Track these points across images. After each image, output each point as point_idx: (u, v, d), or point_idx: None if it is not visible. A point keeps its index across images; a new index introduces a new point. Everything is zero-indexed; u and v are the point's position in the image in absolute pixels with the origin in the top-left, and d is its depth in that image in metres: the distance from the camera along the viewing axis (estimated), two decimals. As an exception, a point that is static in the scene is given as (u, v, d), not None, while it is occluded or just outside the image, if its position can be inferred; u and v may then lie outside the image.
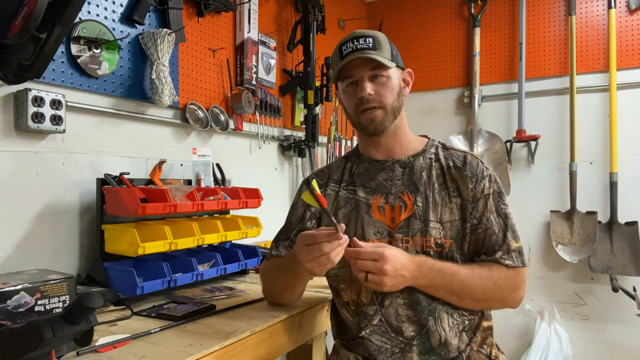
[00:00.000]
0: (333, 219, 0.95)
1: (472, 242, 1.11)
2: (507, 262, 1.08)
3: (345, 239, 0.94)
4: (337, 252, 0.94)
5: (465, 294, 1.05)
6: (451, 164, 1.15)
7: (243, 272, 1.63)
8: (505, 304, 1.10)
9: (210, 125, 1.85)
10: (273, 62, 2.29)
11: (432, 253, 1.07)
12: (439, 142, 1.22)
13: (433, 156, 1.17)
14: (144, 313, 1.17)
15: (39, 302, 1.00)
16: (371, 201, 1.14)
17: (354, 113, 1.15)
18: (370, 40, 1.11)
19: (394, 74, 1.14)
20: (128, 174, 1.40)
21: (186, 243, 1.38)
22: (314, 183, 0.94)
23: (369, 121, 1.13)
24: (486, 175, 1.13)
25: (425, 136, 1.24)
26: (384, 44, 1.13)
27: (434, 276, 1.03)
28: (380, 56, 1.10)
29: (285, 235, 1.23)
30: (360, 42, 1.10)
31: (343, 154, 2.34)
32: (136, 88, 1.58)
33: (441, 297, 1.07)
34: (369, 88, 1.10)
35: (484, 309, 1.12)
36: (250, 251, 1.63)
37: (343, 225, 0.95)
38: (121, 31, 1.53)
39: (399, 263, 0.99)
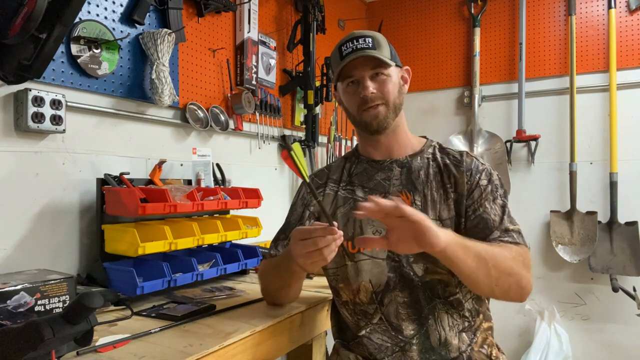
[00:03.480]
0: (327, 211, 0.93)
1: (469, 230, 1.09)
2: (506, 238, 1.05)
3: (340, 234, 0.93)
4: (330, 248, 0.93)
5: (491, 260, 0.96)
6: (448, 162, 1.15)
7: (243, 272, 1.63)
8: (521, 285, 1.01)
9: (210, 125, 1.85)
10: (273, 62, 2.29)
11: None
12: (437, 143, 1.23)
13: (430, 156, 1.18)
14: (144, 313, 1.17)
15: (39, 302, 1.00)
16: None
17: (356, 112, 1.15)
18: (370, 40, 1.11)
19: (394, 73, 1.15)
20: (128, 174, 1.40)
21: (186, 243, 1.38)
22: (297, 146, 0.89)
23: (372, 117, 1.12)
24: (482, 169, 1.13)
25: (425, 137, 1.25)
26: (383, 44, 1.14)
27: (459, 246, 0.93)
28: (380, 55, 1.10)
29: (284, 235, 1.23)
30: (360, 42, 1.10)
31: (343, 154, 2.35)
32: (136, 88, 1.58)
33: (468, 266, 0.95)
34: (371, 87, 1.11)
35: (503, 289, 1.00)
36: (250, 251, 1.63)
37: (336, 223, 0.93)
38: (121, 31, 1.53)
39: (429, 227, 0.88)
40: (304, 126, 2.41)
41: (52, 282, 1.03)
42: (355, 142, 2.72)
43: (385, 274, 1.09)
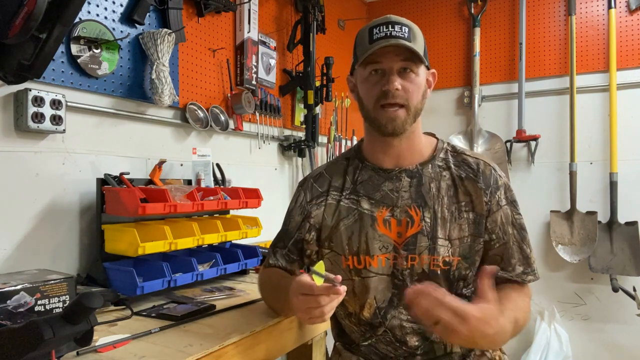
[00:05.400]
0: (331, 276, 0.86)
1: (490, 257, 1.06)
2: (529, 277, 1.06)
3: (343, 290, 0.85)
4: (331, 306, 0.86)
5: (517, 328, 0.96)
6: (463, 175, 1.07)
7: (243, 272, 1.63)
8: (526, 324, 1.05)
9: (210, 125, 1.85)
10: (273, 62, 2.29)
11: (439, 272, 1.03)
12: (448, 144, 1.14)
13: (443, 163, 1.09)
14: (144, 313, 1.17)
15: (39, 302, 1.00)
16: (376, 214, 1.06)
17: (372, 106, 1.03)
18: (406, 29, 1.00)
19: (422, 73, 1.04)
20: (128, 174, 1.40)
21: (186, 243, 1.38)
22: (320, 268, 0.85)
23: (389, 120, 1.02)
24: (501, 185, 1.06)
25: (433, 135, 1.16)
26: (419, 39, 1.03)
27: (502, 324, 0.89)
28: (415, 48, 0.99)
29: (282, 243, 1.18)
30: (396, 29, 0.99)
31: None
32: (136, 88, 1.58)
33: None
34: (397, 82, 0.99)
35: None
36: (250, 251, 1.63)
37: (339, 277, 0.85)
38: (121, 31, 1.53)
39: (479, 330, 0.83)
40: (304, 126, 2.41)
41: (52, 282, 1.03)
42: (355, 142, 2.72)
43: (390, 290, 1.05)
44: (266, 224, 1.71)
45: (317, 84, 2.40)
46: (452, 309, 0.82)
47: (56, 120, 1.29)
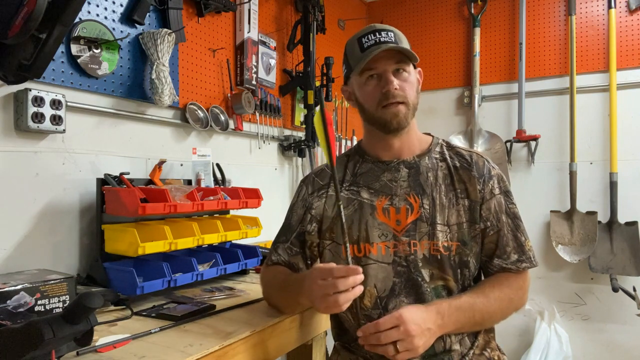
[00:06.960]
0: (344, 230, 0.93)
1: (487, 244, 1.10)
2: (524, 264, 1.08)
3: (361, 277, 0.91)
4: (347, 297, 0.91)
5: (487, 321, 1.06)
6: (458, 165, 1.12)
7: (243, 272, 1.63)
8: (517, 310, 1.10)
9: (210, 125, 1.85)
10: (273, 62, 2.29)
11: (439, 257, 1.05)
12: (443, 140, 1.20)
13: (439, 155, 1.15)
14: (144, 313, 1.17)
15: (39, 302, 1.00)
16: (375, 203, 1.11)
17: (374, 108, 1.09)
18: (392, 34, 1.08)
19: (412, 71, 1.12)
20: (128, 174, 1.40)
21: (186, 243, 1.38)
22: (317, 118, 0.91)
23: (392, 116, 1.07)
24: (494, 175, 1.11)
25: (429, 134, 1.22)
26: (404, 41, 1.11)
27: (456, 317, 1.00)
28: (405, 49, 1.07)
29: (284, 237, 1.21)
30: (383, 35, 1.07)
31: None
32: (136, 88, 1.58)
33: (466, 332, 1.07)
34: (395, 82, 1.06)
35: (502, 319, 1.11)
36: (250, 251, 1.63)
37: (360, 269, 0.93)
38: (121, 31, 1.53)
39: (419, 318, 0.94)
40: (304, 126, 2.41)
41: (52, 282, 1.03)
42: (355, 142, 2.72)
43: (391, 279, 1.07)
44: (266, 224, 1.71)
45: (317, 84, 2.40)
46: (387, 324, 0.91)
47: (56, 120, 1.29)
